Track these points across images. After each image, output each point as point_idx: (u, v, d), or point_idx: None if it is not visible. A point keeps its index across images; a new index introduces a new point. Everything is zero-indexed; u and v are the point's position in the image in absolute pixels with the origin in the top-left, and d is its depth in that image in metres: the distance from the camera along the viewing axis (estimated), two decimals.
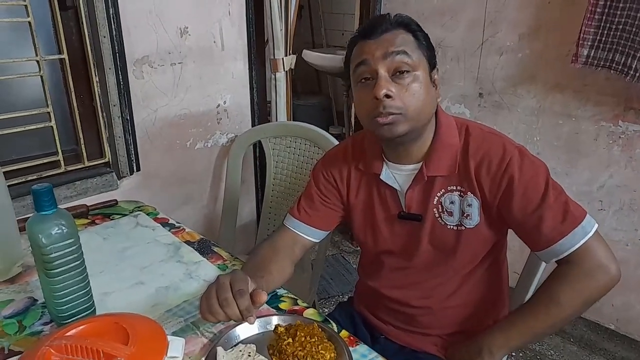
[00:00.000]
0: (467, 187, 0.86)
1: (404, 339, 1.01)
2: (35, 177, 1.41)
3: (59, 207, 0.76)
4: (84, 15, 1.38)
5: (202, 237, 1.16)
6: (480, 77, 1.95)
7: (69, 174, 1.48)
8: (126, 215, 1.26)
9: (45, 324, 0.84)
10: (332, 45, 3.55)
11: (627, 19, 1.44)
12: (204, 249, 1.10)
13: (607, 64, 1.53)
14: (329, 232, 1.05)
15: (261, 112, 1.95)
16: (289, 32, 1.87)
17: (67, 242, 0.75)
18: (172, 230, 1.18)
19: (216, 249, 1.10)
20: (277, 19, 1.79)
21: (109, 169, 1.56)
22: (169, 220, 1.24)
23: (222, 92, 1.80)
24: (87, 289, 0.81)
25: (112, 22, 1.40)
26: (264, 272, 0.90)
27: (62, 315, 0.78)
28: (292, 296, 0.94)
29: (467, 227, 0.88)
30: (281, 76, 1.90)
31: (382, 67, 0.80)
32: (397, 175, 0.92)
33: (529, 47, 1.78)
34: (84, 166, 1.51)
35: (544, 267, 0.99)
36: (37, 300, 0.90)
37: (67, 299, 0.78)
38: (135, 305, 0.88)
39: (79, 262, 0.78)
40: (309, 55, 3.07)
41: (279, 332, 0.78)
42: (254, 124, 1.93)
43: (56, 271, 0.75)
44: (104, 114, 1.51)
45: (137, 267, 1.02)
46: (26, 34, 1.30)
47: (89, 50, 1.42)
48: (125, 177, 1.59)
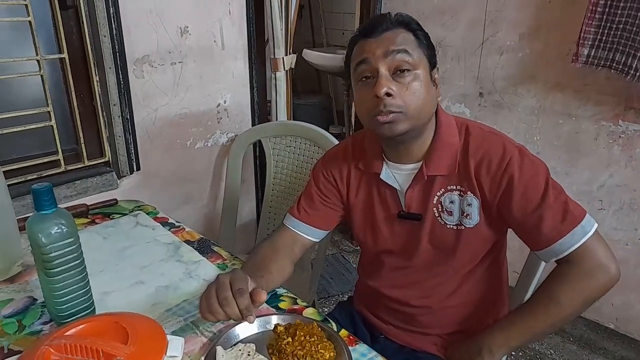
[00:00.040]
0: (467, 187, 0.86)
1: (404, 339, 1.01)
2: (35, 177, 1.41)
3: (59, 206, 0.76)
4: (84, 14, 1.38)
5: (202, 236, 1.16)
6: (480, 76, 1.95)
7: (69, 174, 1.48)
8: (126, 214, 1.26)
9: (44, 323, 0.84)
10: (333, 44, 3.55)
11: (628, 18, 1.44)
12: (203, 248, 1.10)
13: (608, 64, 1.53)
14: (328, 231, 1.05)
15: (261, 111, 1.94)
16: (289, 31, 1.86)
17: (67, 241, 0.75)
18: (172, 229, 1.18)
19: (216, 249, 1.10)
20: (277, 18, 1.79)
21: (109, 169, 1.56)
22: (168, 219, 1.24)
23: (222, 92, 1.80)
24: (87, 288, 0.81)
25: (113, 22, 1.40)
26: (264, 271, 0.90)
27: (62, 314, 0.79)
28: (291, 295, 0.93)
29: (466, 226, 0.88)
30: (281, 75, 1.90)
31: (383, 65, 0.80)
32: (397, 174, 0.92)
33: (530, 47, 1.77)
34: (84, 165, 1.51)
35: (543, 266, 0.99)
36: (36, 299, 0.90)
37: (67, 298, 0.78)
38: (134, 304, 0.88)
39: (78, 261, 0.78)
40: (309, 54, 3.07)
41: (278, 331, 0.78)
42: (254, 124, 1.93)
43: (56, 270, 0.75)
44: (104, 113, 1.51)
45: (136, 266, 1.02)
46: (26, 34, 1.30)
47: (89, 49, 1.42)
48: (125, 176, 1.59)
